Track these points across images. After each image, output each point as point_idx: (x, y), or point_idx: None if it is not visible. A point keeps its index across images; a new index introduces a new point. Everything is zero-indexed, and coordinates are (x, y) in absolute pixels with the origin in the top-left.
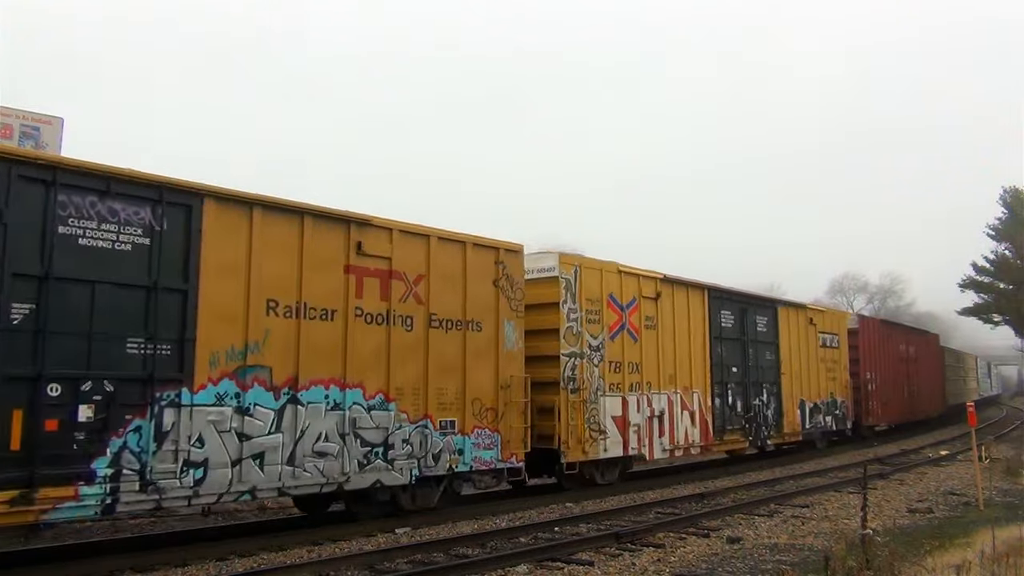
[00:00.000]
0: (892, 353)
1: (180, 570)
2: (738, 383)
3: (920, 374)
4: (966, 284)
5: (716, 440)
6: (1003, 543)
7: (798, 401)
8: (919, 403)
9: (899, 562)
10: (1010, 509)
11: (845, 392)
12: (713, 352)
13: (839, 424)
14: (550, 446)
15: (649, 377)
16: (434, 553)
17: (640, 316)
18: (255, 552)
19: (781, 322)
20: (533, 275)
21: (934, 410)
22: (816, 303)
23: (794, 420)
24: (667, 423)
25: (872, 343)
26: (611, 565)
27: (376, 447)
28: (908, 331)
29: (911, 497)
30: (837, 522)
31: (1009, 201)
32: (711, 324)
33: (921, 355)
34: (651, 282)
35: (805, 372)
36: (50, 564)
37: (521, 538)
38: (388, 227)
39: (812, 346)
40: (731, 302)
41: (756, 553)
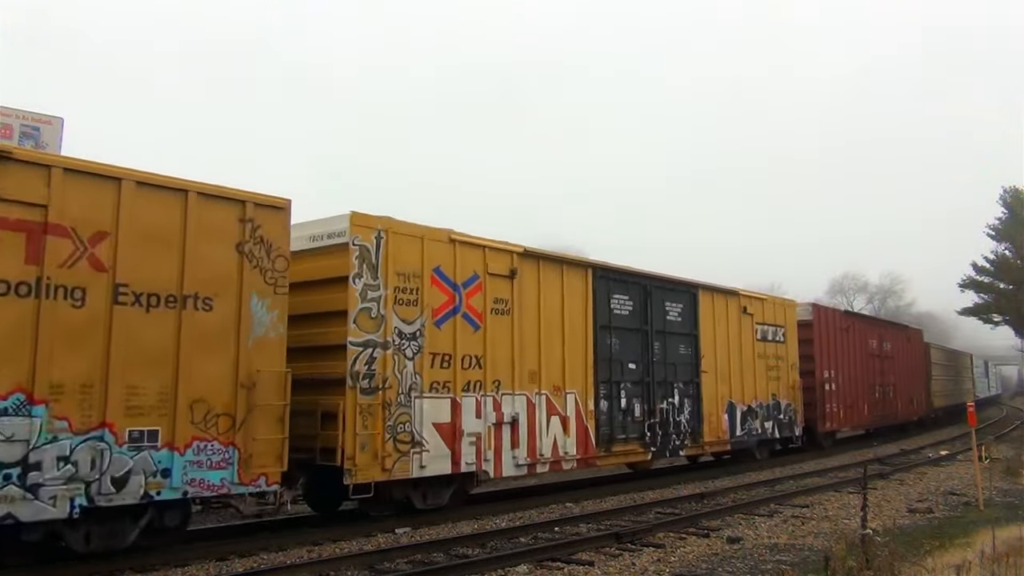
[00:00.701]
0: (859, 349)
1: (180, 570)
2: (636, 382)
3: (898, 373)
4: (966, 284)
5: (602, 451)
6: (1003, 543)
7: (725, 404)
8: (896, 406)
9: (899, 562)
10: (1010, 509)
11: (793, 393)
12: (599, 344)
13: (784, 430)
14: (334, 462)
15: (498, 374)
16: (434, 553)
17: (485, 298)
18: (255, 552)
19: (702, 310)
20: (322, 242)
21: (915, 413)
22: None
23: (719, 426)
24: (524, 432)
25: (831, 337)
26: (611, 565)
27: (5, 468)
28: (882, 325)
29: (911, 497)
30: (837, 522)
31: (1009, 201)
32: (596, 310)
33: (900, 352)
34: (503, 256)
35: (736, 370)
36: (50, 564)
37: (521, 538)
38: (45, 164)
39: (747, 339)
40: (628, 284)
41: (756, 553)
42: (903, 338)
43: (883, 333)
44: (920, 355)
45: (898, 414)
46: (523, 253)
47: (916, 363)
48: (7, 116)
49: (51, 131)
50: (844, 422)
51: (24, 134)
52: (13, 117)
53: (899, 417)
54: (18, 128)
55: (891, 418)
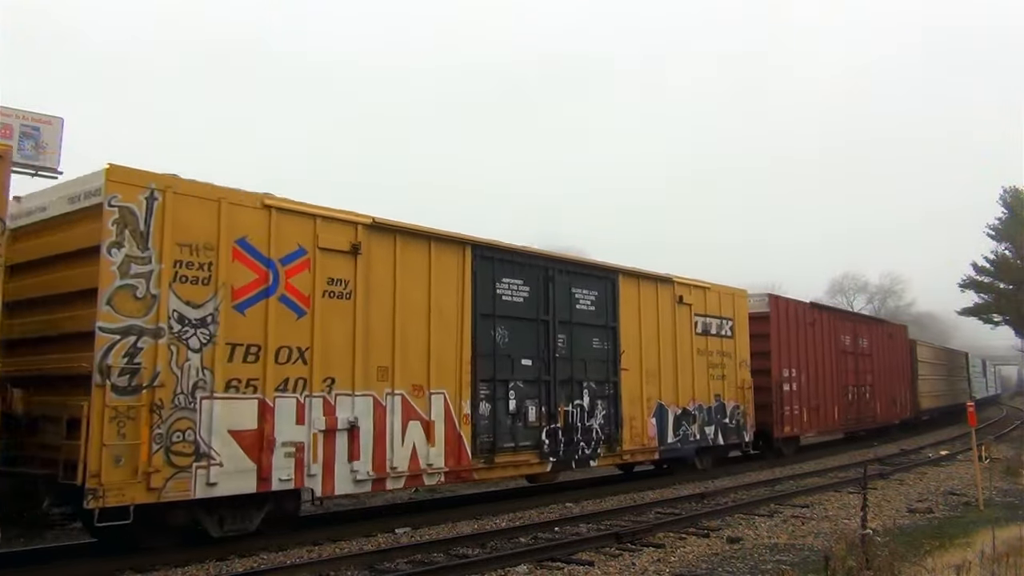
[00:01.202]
0: (829, 345)
1: (180, 570)
2: (532, 381)
3: (877, 372)
4: (966, 284)
5: (480, 462)
6: (1003, 543)
7: (653, 406)
8: (874, 408)
9: (899, 562)
10: (1010, 509)
11: (742, 394)
12: (480, 337)
13: (731, 436)
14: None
15: (332, 370)
16: (434, 553)
17: (315, 278)
18: (255, 552)
19: (624, 298)
20: (79, 204)
21: (899, 416)
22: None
23: (643, 432)
24: (369, 440)
25: (793, 332)
26: (611, 565)
27: None
28: (858, 320)
29: (911, 497)
30: (837, 522)
31: (1009, 201)
32: (477, 296)
33: (880, 349)
34: (342, 228)
35: (669, 367)
36: (50, 564)
37: (521, 538)
38: None
39: (684, 333)
40: (522, 267)
41: (756, 553)
42: (883, 334)
43: (859, 329)
44: (904, 353)
45: (877, 417)
46: (372, 225)
47: (900, 362)
48: (7, 116)
49: (51, 131)
50: (809, 426)
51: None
52: (13, 117)
53: (878, 420)
54: (18, 128)
55: (868, 421)
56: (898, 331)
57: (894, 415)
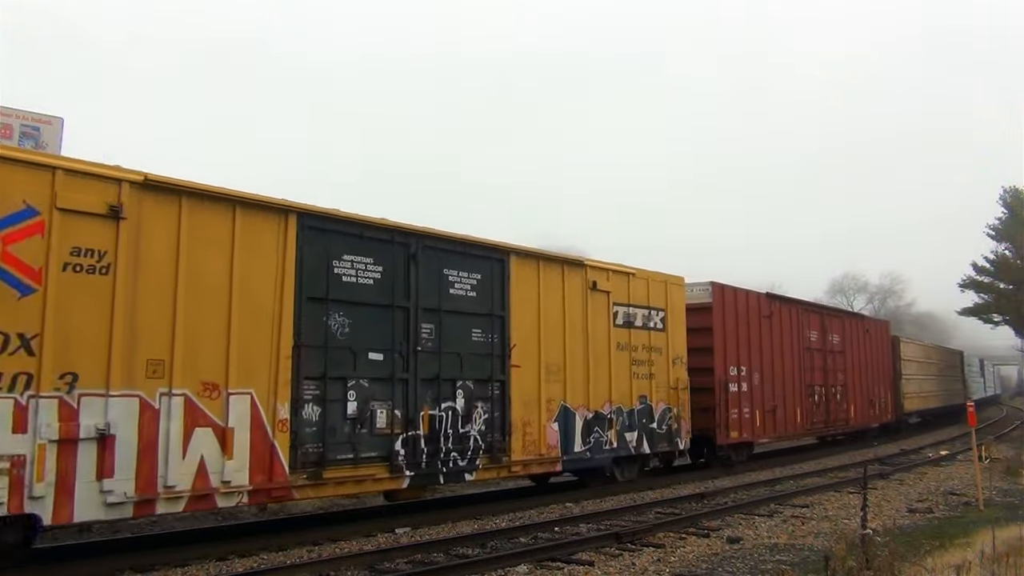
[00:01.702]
0: (791, 341)
1: (180, 570)
2: (383, 379)
3: (852, 371)
4: (966, 284)
5: (303, 477)
6: (1003, 543)
7: (556, 409)
8: (847, 410)
9: (899, 562)
10: (1010, 509)
11: (675, 396)
12: (306, 324)
13: (660, 443)
14: None
15: (77, 364)
16: (434, 553)
17: (49, 247)
18: (255, 552)
19: (517, 283)
20: None
21: (878, 419)
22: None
23: (542, 439)
24: (131, 452)
25: (743, 325)
26: (611, 565)
27: None
28: (829, 313)
29: (911, 497)
30: (837, 522)
31: (1009, 201)
32: (303, 276)
33: (855, 346)
34: (98, 186)
35: (577, 364)
36: (50, 564)
37: (521, 538)
38: None
39: (599, 325)
40: (372, 242)
41: (756, 553)
42: (859, 330)
43: (829, 323)
44: (885, 350)
45: (851, 420)
46: (144, 184)
47: (880, 360)
48: (7, 116)
49: (51, 131)
50: (763, 431)
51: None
52: (13, 117)
53: (852, 423)
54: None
55: (839, 425)
56: (878, 327)
57: (872, 418)
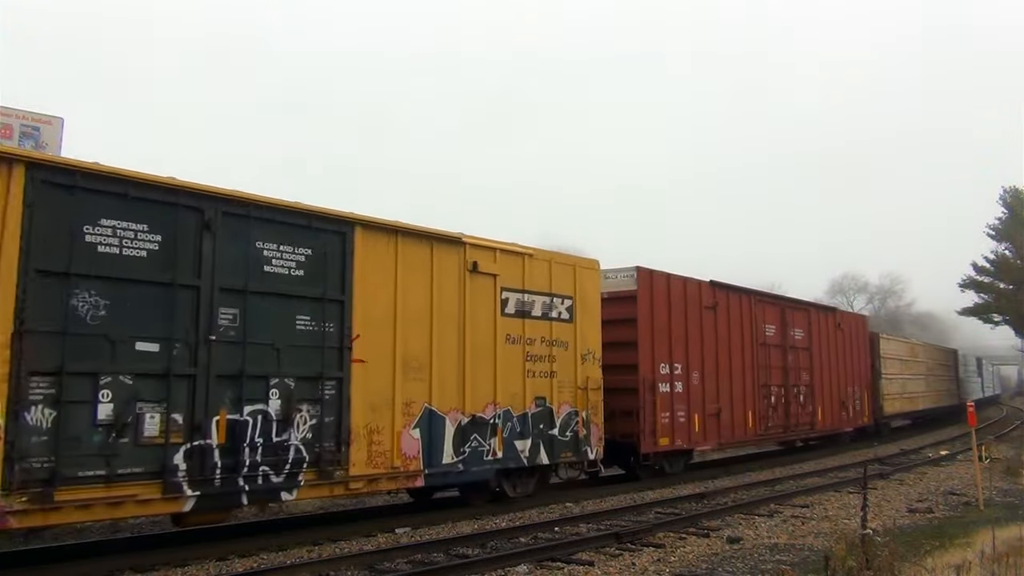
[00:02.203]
0: (740, 336)
1: (180, 570)
2: (155, 375)
3: (820, 370)
4: (966, 284)
5: (22, 501)
6: (1003, 543)
7: (417, 412)
8: (813, 413)
9: (899, 562)
10: (1010, 509)
11: (584, 397)
12: (33, 304)
13: (563, 452)
14: None
15: None
16: (434, 553)
17: None
18: (255, 552)
19: (364, 261)
20: None
21: (852, 423)
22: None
23: (395, 449)
24: None
25: (679, 317)
26: (611, 565)
27: None
28: (790, 305)
29: (911, 497)
30: (837, 522)
31: (1009, 201)
32: (31, 243)
33: (824, 342)
34: None
35: (451, 359)
36: (50, 564)
37: (521, 538)
38: None
39: (481, 313)
40: (146, 204)
41: (756, 553)
42: (829, 324)
43: (792, 316)
44: (862, 348)
45: (817, 424)
46: None
47: (855, 358)
48: (7, 116)
49: (51, 131)
50: (704, 437)
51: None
52: (13, 117)
53: (819, 427)
54: (18, 128)
55: (802, 429)
56: (853, 321)
57: (845, 421)
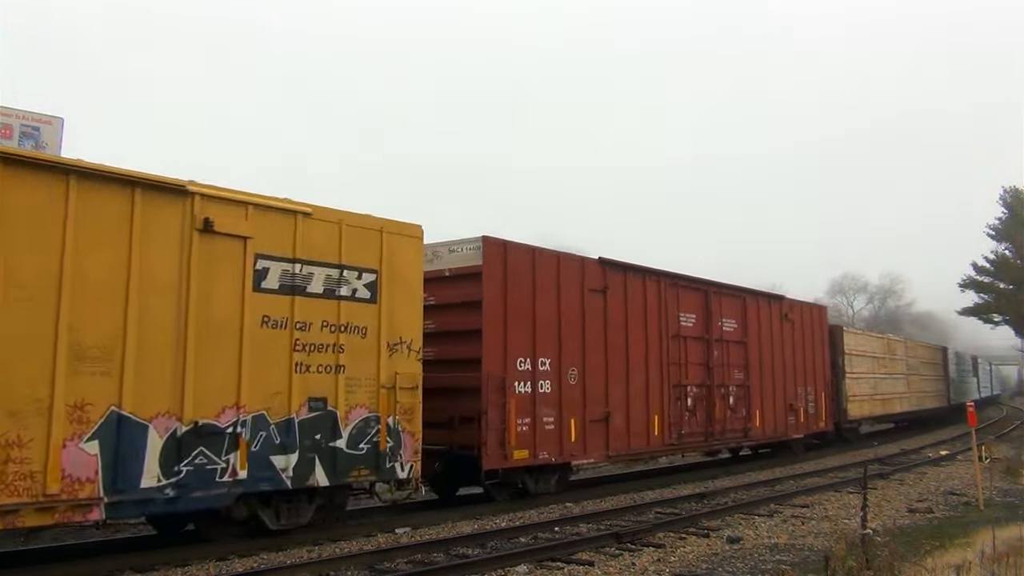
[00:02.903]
0: (642, 326)
1: (180, 570)
2: None
3: (761, 368)
4: (966, 284)
5: None
6: (1003, 543)
7: (98, 418)
8: (750, 419)
9: (899, 562)
10: (1010, 509)
11: (389, 399)
12: None
13: (350, 469)
14: None
15: None
16: (434, 553)
17: None
18: (255, 552)
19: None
20: None
21: (805, 428)
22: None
23: (49, 470)
24: None
25: (545, 301)
26: (611, 565)
27: None
28: (718, 291)
29: (911, 497)
30: (837, 522)
31: (1009, 201)
32: None
33: (765, 335)
34: None
35: (163, 345)
36: (50, 564)
37: (521, 538)
38: None
39: (221, 286)
40: None
41: (756, 553)
42: (774, 315)
43: (720, 304)
44: (819, 342)
45: (753, 431)
46: None
47: (809, 354)
48: (7, 116)
49: (51, 131)
50: (585, 449)
51: (24, 134)
52: (13, 117)
53: (756, 435)
54: (18, 128)
55: (734, 436)
56: (807, 312)
57: (795, 428)
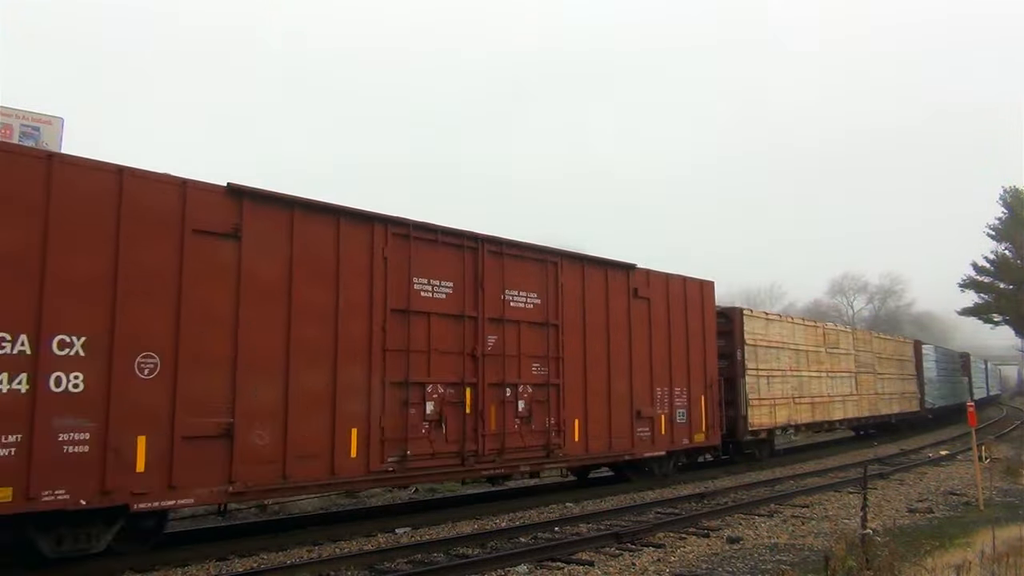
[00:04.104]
0: (328, 291)
1: (180, 570)
2: None
3: (585, 361)
4: (966, 284)
5: None
6: (1003, 543)
7: None
8: (552, 434)
9: (899, 562)
10: (1010, 509)
11: None
12: None
13: None
14: None
15: None
16: (434, 553)
17: None
18: (255, 552)
19: None
20: None
21: (666, 444)
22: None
23: None
24: None
25: (61, 236)
26: (611, 565)
27: None
28: (503, 250)
29: (911, 497)
30: (837, 522)
31: (1009, 201)
32: None
33: (599, 317)
34: None
35: None
36: (50, 564)
37: (521, 538)
38: None
39: None
40: None
41: (756, 553)
42: (614, 289)
43: (506, 270)
44: (699, 328)
45: (562, 448)
46: None
47: (679, 343)
48: (7, 116)
49: (51, 131)
50: (182, 483)
51: (24, 134)
52: (13, 117)
53: (569, 454)
54: (18, 128)
55: (523, 458)
56: (678, 289)
57: (649, 443)
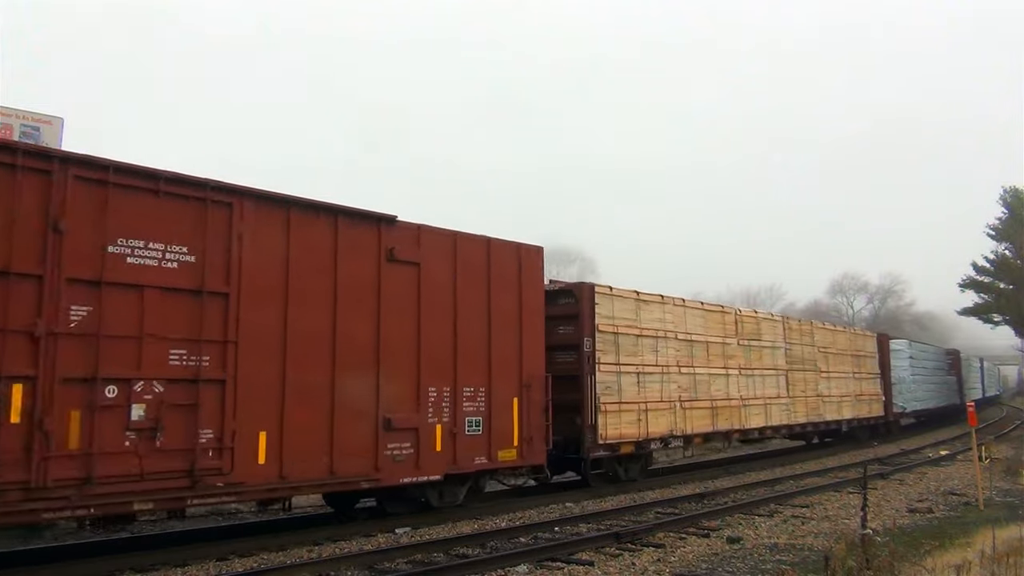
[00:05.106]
0: None
1: (180, 570)
2: None
3: (290, 351)
4: (966, 284)
5: None
6: (1003, 543)
7: None
8: (204, 456)
9: (899, 562)
10: (1010, 509)
11: None
12: None
13: None
14: None
15: None
16: (434, 553)
17: None
18: (255, 552)
19: None
20: None
21: (428, 469)
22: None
23: None
24: None
25: None
26: (611, 565)
27: None
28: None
29: (911, 497)
30: (837, 522)
31: (1009, 201)
32: None
33: (320, 287)
34: None
35: None
36: (50, 564)
37: (521, 538)
38: None
39: None
40: None
41: (756, 553)
42: (360, 250)
43: (113, 209)
44: (513, 306)
45: (225, 474)
46: None
47: (478, 326)
48: (7, 116)
49: (51, 131)
50: None
51: (24, 134)
52: (13, 117)
53: (241, 482)
54: (18, 128)
55: (119, 496)
56: (478, 253)
57: (411, 464)
